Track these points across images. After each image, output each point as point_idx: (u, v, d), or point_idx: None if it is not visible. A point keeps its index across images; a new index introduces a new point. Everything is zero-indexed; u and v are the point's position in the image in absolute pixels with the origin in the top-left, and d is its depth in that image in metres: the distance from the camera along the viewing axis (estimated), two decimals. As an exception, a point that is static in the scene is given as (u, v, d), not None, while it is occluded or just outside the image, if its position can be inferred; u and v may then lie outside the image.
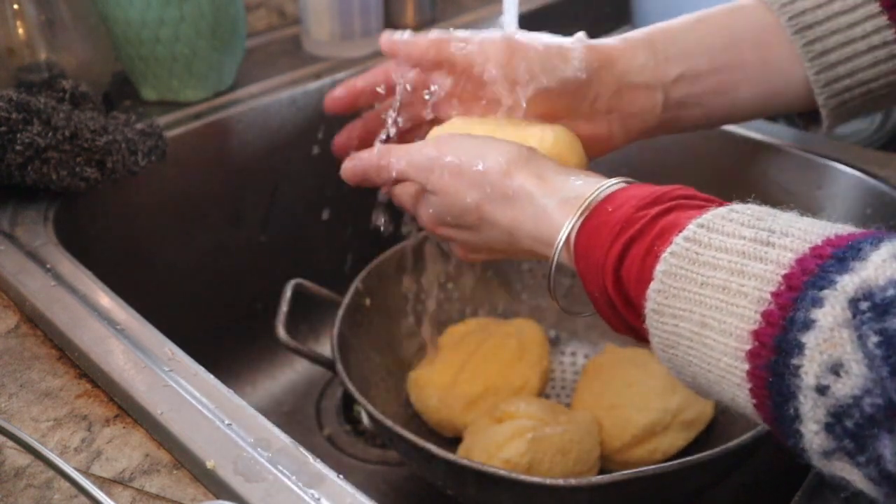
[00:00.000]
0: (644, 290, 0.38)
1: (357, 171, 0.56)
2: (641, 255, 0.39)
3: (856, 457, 0.30)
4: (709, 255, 0.36)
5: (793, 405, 0.32)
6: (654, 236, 0.39)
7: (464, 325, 0.71)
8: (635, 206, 0.41)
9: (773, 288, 0.33)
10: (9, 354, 0.49)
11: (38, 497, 0.40)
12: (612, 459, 0.61)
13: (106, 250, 0.70)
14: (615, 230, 0.41)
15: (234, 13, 0.77)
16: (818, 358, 0.31)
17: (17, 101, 0.60)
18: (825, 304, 0.31)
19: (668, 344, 0.38)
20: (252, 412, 0.44)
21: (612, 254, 0.40)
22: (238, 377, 0.81)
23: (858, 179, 0.66)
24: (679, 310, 0.37)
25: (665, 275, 0.37)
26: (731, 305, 0.34)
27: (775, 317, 0.32)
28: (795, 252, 0.33)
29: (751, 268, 0.34)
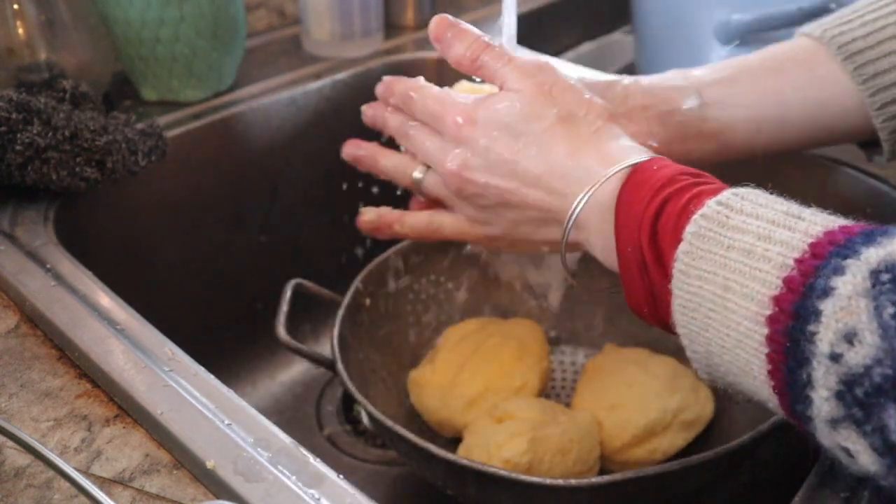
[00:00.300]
0: (675, 250, 0.38)
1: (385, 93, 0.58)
2: (677, 212, 0.40)
3: (862, 425, 0.30)
4: (739, 220, 0.36)
5: (806, 371, 0.32)
6: (692, 196, 0.40)
7: (464, 325, 0.71)
8: (679, 170, 0.42)
9: (798, 255, 0.33)
10: (9, 354, 0.49)
11: (38, 497, 0.40)
12: (612, 459, 0.61)
13: (106, 250, 0.70)
14: (656, 186, 0.42)
15: (234, 13, 0.77)
16: (833, 325, 0.31)
17: (17, 101, 0.60)
18: (846, 273, 0.31)
19: (689, 307, 0.38)
20: (252, 412, 0.44)
21: (651, 208, 0.41)
22: (238, 377, 0.81)
23: (858, 179, 0.66)
24: (704, 271, 0.37)
25: (694, 236, 0.37)
26: (754, 269, 0.35)
27: (796, 283, 0.33)
28: (824, 226, 0.34)
29: (778, 234, 0.35)
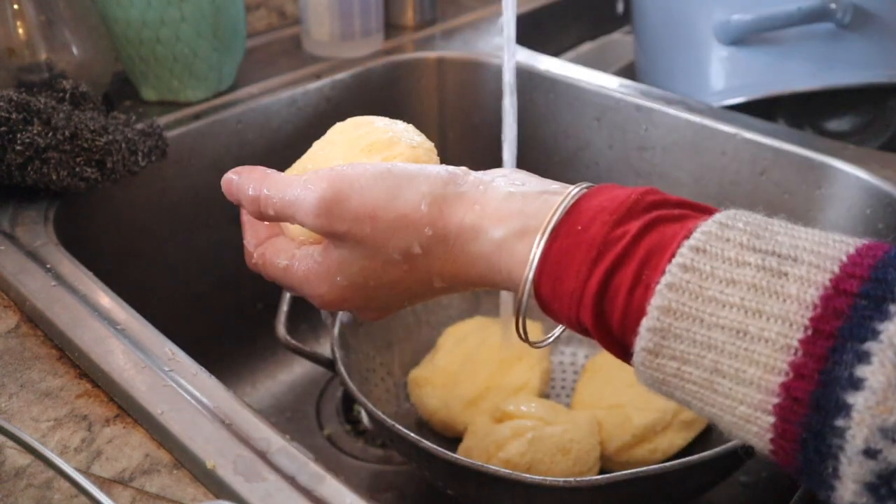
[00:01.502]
0: (631, 325, 0.34)
1: (230, 189, 0.45)
2: (628, 285, 0.34)
3: None
4: (715, 290, 0.32)
5: (832, 464, 0.30)
6: (641, 262, 0.34)
7: (464, 325, 0.71)
8: (608, 221, 0.36)
9: (801, 335, 0.30)
10: (9, 354, 0.49)
11: (38, 497, 0.40)
12: (612, 459, 0.61)
13: (106, 250, 0.70)
14: (591, 254, 0.35)
15: (234, 13, 0.77)
16: (868, 421, 0.28)
17: (17, 101, 0.60)
18: (873, 361, 0.28)
19: (664, 383, 0.34)
20: (252, 412, 0.44)
21: (592, 283, 0.35)
22: (238, 377, 0.81)
23: (858, 179, 0.66)
24: (683, 352, 0.33)
25: (662, 311, 0.33)
26: (750, 352, 0.31)
27: (808, 368, 0.30)
28: (816, 286, 0.31)
29: (769, 307, 0.31)
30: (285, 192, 0.41)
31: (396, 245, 0.40)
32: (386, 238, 0.40)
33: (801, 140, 0.71)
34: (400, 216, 0.40)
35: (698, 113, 0.75)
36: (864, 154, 0.69)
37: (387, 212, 0.40)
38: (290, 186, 0.41)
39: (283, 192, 0.42)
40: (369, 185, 0.40)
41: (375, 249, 0.41)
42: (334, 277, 0.42)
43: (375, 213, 0.40)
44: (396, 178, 0.40)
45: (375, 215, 0.40)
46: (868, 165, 0.67)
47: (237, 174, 0.45)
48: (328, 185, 0.40)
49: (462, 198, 0.40)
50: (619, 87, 0.80)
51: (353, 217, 0.40)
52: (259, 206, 0.43)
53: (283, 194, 0.42)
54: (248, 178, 0.44)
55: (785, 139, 0.71)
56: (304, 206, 0.40)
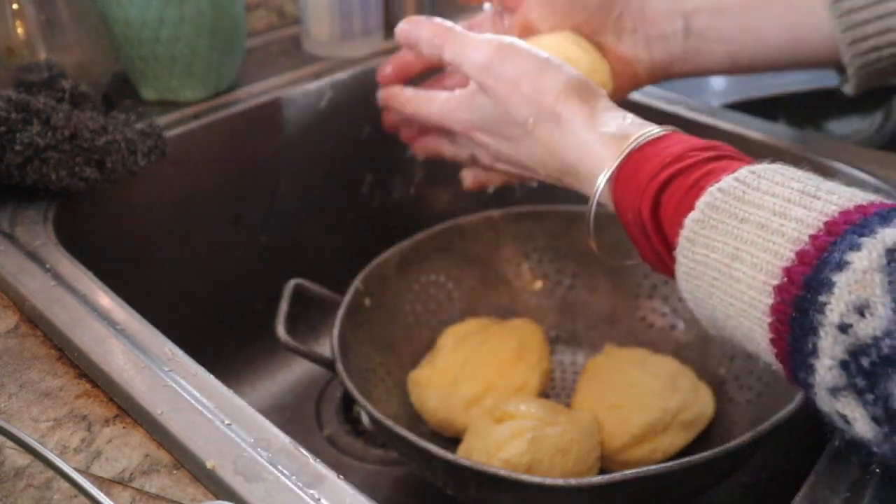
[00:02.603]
0: (679, 221, 0.39)
1: (409, 36, 0.57)
2: (686, 187, 0.40)
3: (864, 394, 0.31)
4: (755, 196, 0.37)
5: (812, 340, 0.33)
6: (703, 174, 0.40)
7: (464, 325, 0.71)
8: (689, 147, 0.43)
9: (813, 231, 0.34)
10: (8, 354, 0.49)
11: (37, 497, 0.40)
12: (612, 459, 0.61)
13: (106, 250, 0.70)
14: (664, 162, 0.42)
15: (234, 13, 0.77)
16: (846, 297, 0.32)
17: (16, 101, 0.59)
18: (862, 249, 0.32)
19: (693, 274, 0.39)
20: (252, 412, 0.44)
21: (657, 180, 0.42)
22: (238, 377, 0.81)
23: (858, 179, 0.66)
24: (714, 240, 0.38)
25: (707, 206, 0.38)
26: (767, 241, 0.36)
27: (809, 256, 0.34)
28: (840, 206, 0.35)
29: (794, 212, 0.35)
30: (463, 45, 0.53)
31: (520, 111, 0.50)
32: (517, 103, 0.50)
33: (801, 140, 0.71)
34: (535, 90, 0.49)
35: (698, 113, 0.75)
36: (864, 154, 0.69)
37: (527, 83, 0.50)
38: (467, 43, 0.53)
39: (462, 45, 0.53)
40: (524, 59, 0.50)
41: (505, 107, 0.51)
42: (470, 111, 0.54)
43: (519, 81, 0.50)
44: (547, 63, 0.50)
45: (518, 82, 0.50)
46: (868, 165, 0.67)
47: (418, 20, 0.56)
48: (496, 49, 0.51)
49: (585, 100, 0.49)
50: (619, 87, 0.80)
51: (503, 78, 0.50)
52: (440, 50, 0.54)
53: (461, 45, 0.53)
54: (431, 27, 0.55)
55: (785, 139, 0.71)
56: (474, 59, 0.52)
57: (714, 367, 0.67)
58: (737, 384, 0.64)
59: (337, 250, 0.87)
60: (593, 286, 0.74)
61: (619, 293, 0.73)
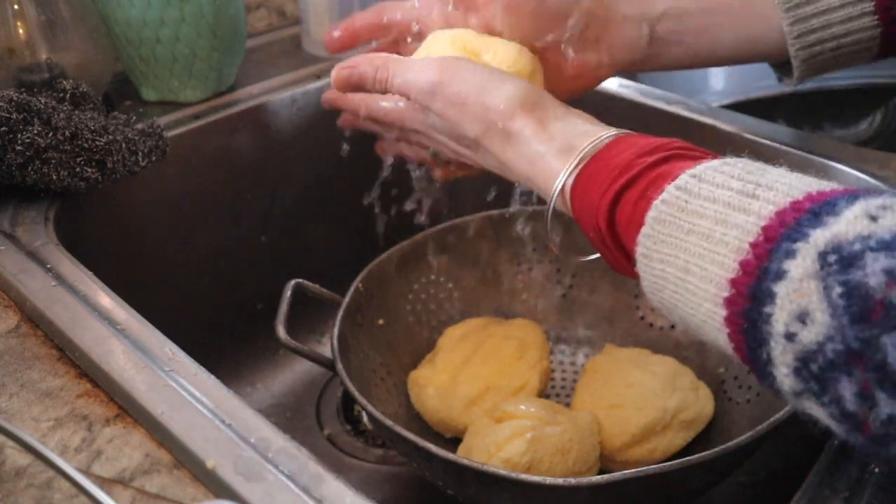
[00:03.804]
0: (635, 235, 0.40)
1: (351, 79, 0.56)
2: (634, 199, 0.41)
3: (820, 397, 0.32)
4: (696, 204, 0.37)
5: (765, 350, 0.34)
6: (648, 183, 0.41)
7: (464, 325, 0.71)
8: (634, 153, 0.43)
9: (752, 238, 0.35)
10: (9, 354, 0.49)
11: (38, 497, 0.40)
12: (612, 459, 0.61)
13: (106, 250, 0.70)
14: (612, 174, 0.43)
15: (234, 13, 0.77)
16: (788, 307, 0.32)
17: (17, 102, 0.60)
18: (797, 256, 0.32)
19: (656, 287, 0.40)
20: (252, 412, 0.44)
21: (607, 196, 0.42)
22: (238, 377, 0.81)
23: (858, 179, 0.66)
24: (666, 255, 0.38)
25: (655, 221, 0.39)
26: (712, 253, 0.36)
27: (751, 266, 0.34)
28: (776, 205, 0.35)
29: (734, 218, 0.36)
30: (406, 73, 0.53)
31: (472, 128, 0.50)
32: (466, 122, 0.51)
33: (801, 140, 0.71)
34: (482, 108, 0.50)
35: (698, 113, 0.75)
36: (864, 154, 0.69)
37: (473, 102, 0.50)
38: (410, 68, 0.53)
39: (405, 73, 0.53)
40: (469, 77, 0.51)
41: (455, 126, 0.51)
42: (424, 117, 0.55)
43: (465, 101, 0.50)
44: (492, 79, 0.51)
45: (465, 103, 0.50)
46: (868, 165, 0.67)
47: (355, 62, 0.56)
48: (440, 71, 0.51)
49: (532, 112, 0.49)
50: (618, 87, 0.80)
51: (449, 100, 0.51)
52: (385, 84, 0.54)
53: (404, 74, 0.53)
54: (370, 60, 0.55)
55: (785, 139, 0.71)
56: (419, 85, 0.52)
57: (713, 366, 0.67)
58: (736, 384, 0.64)
59: (337, 250, 0.87)
60: (593, 286, 0.74)
61: (619, 293, 0.73)
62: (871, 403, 0.30)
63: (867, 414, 0.31)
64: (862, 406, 0.31)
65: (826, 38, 0.56)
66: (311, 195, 0.85)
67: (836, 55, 0.57)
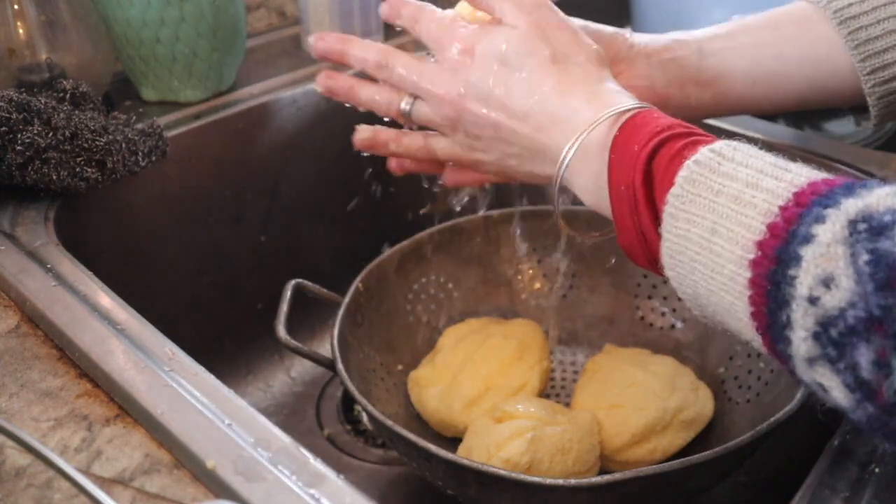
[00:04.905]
0: (664, 194, 0.40)
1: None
2: (670, 156, 0.41)
3: (836, 363, 0.33)
4: (729, 167, 0.38)
5: (786, 312, 0.34)
6: (687, 143, 0.41)
7: (464, 325, 0.71)
8: (677, 121, 0.44)
9: (782, 202, 0.35)
10: (9, 354, 0.49)
11: (38, 497, 0.40)
12: (612, 459, 0.61)
13: (106, 250, 0.70)
14: (654, 131, 0.43)
15: (234, 13, 0.77)
16: (813, 270, 0.33)
17: (17, 102, 0.60)
18: (826, 221, 0.33)
19: (676, 249, 0.40)
20: (252, 412, 0.44)
21: (647, 150, 0.43)
22: (238, 377, 0.81)
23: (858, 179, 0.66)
24: (693, 215, 0.38)
25: (685, 180, 0.39)
26: (740, 215, 0.36)
27: (779, 229, 0.35)
28: (808, 178, 0.36)
29: (765, 183, 0.36)
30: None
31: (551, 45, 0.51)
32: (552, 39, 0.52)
33: (801, 140, 0.71)
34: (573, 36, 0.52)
35: (698, 113, 0.75)
36: (864, 154, 0.69)
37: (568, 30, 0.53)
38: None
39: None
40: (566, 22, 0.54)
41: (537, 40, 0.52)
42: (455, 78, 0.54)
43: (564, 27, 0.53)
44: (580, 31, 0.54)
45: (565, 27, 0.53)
46: (868, 165, 0.67)
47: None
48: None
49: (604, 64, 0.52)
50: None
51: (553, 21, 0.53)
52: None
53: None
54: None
55: (785, 139, 0.71)
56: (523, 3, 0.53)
57: (714, 367, 0.67)
58: (736, 384, 0.64)
59: (337, 250, 0.87)
60: (593, 286, 0.74)
61: (619, 293, 0.73)
62: (888, 371, 0.31)
63: (881, 382, 0.31)
64: (877, 374, 0.31)
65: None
66: (311, 195, 0.85)
67: None
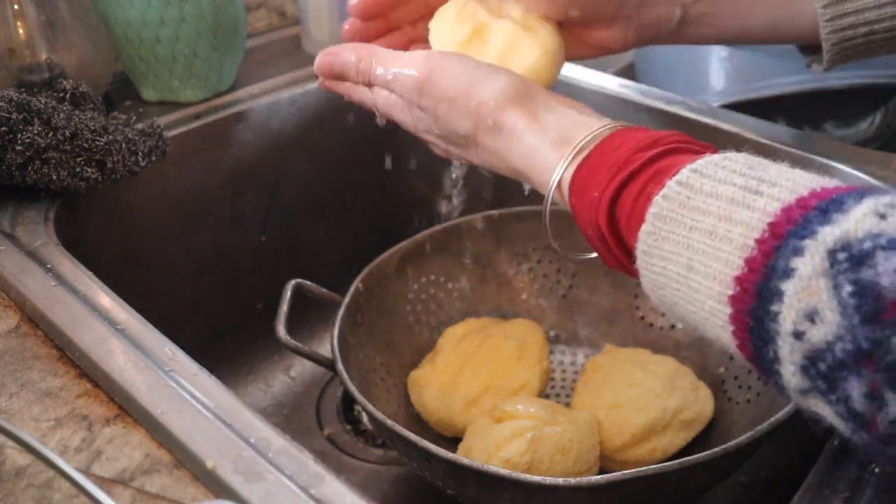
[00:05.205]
0: (636, 231, 0.39)
1: (333, 68, 0.54)
2: (634, 195, 0.40)
3: (828, 395, 0.32)
4: (699, 200, 0.37)
5: (772, 348, 0.33)
6: (649, 178, 0.40)
7: (464, 325, 0.71)
8: (633, 147, 0.42)
9: (758, 235, 0.34)
10: (9, 354, 0.49)
11: (38, 497, 0.40)
12: (612, 459, 0.61)
13: (106, 250, 0.70)
14: (612, 170, 0.42)
15: (234, 13, 0.77)
16: (796, 305, 0.32)
17: (17, 102, 0.60)
18: (805, 254, 0.32)
19: (656, 285, 0.39)
20: (252, 412, 0.44)
21: (608, 192, 0.41)
22: (238, 377, 0.81)
23: (858, 180, 0.66)
24: (668, 252, 0.38)
25: (656, 217, 0.38)
26: (716, 250, 0.36)
27: (757, 263, 0.34)
28: (781, 202, 0.35)
29: (738, 214, 0.35)
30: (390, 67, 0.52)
31: (462, 125, 0.49)
32: (456, 118, 0.49)
33: (801, 140, 0.71)
34: (471, 104, 0.48)
35: (698, 113, 0.75)
36: (864, 154, 0.69)
37: (462, 98, 0.49)
38: (395, 62, 0.52)
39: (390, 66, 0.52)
40: (457, 73, 0.49)
41: (446, 123, 0.50)
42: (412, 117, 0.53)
43: (454, 98, 0.49)
44: (481, 72, 0.49)
45: (454, 99, 0.49)
46: (868, 165, 0.67)
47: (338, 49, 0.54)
48: (426, 67, 0.50)
49: (524, 105, 0.48)
50: (618, 87, 0.80)
51: (437, 97, 0.49)
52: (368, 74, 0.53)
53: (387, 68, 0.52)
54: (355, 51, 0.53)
55: (785, 139, 0.71)
56: (403, 80, 0.51)
57: (714, 366, 0.67)
58: (736, 384, 0.64)
59: (337, 250, 0.87)
60: (593, 286, 0.74)
61: (619, 293, 0.73)
62: (880, 403, 0.30)
63: (875, 414, 0.31)
64: (870, 406, 0.31)
65: (859, 24, 0.55)
66: (311, 195, 0.85)
67: (868, 41, 0.56)
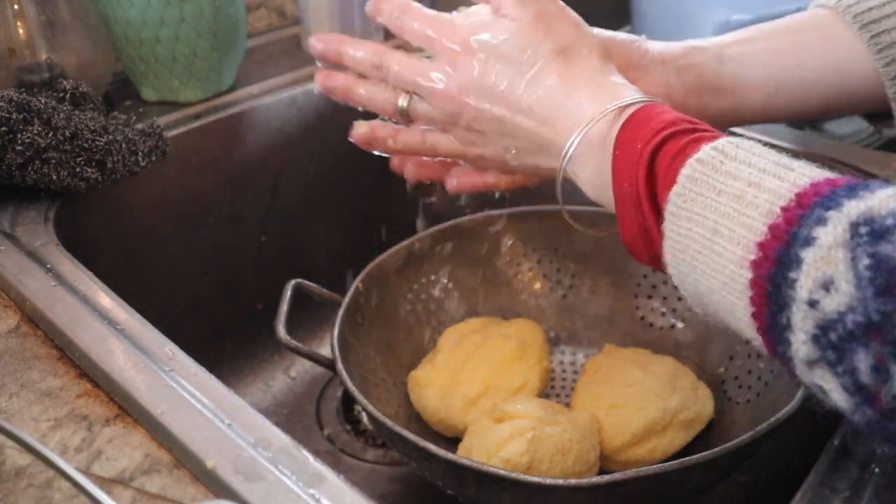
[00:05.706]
0: (667, 191, 0.40)
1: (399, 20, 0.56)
2: (673, 154, 0.41)
3: (835, 367, 0.32)
4: (731, 166, 0.38)
5: (786, 315, 0.34)
6: (690, 140, 0.41)
7: (464, 325, 0.71)
8: (681, 116, 0.44)
9: (784, 203, 0.35)
10: (9, 354, 0.49)
11: (38, 497, 0.40)
12: (612, 459, 0.61)
13: (106, 250, 0.70)
14: (657, 127, 0.43)
15: (234, 13, 0.77)
16: (813, 273, 0.32)
17: (17, 102, 0.60)
18: (828, 224, 0.33)
19: (678, 248, 0.40)
20: (252, 412, 0.44)
21: (650, 146, 0.42)
22: (238, 377, 0.81)
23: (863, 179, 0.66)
24: (695, 214, 0.38)
25: (687, 178, 0.39)
26: (742, 215, 0.36)
27: (780, 230, 0.34)
28: (811, 178, 0.36)
29: (767, 182, 0.36)
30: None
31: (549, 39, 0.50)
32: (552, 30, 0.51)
33: (802, 140, 0.71)
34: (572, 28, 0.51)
35: (698, 113, 0.75)
36: (864, 154, 0.69)
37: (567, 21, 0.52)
38: None
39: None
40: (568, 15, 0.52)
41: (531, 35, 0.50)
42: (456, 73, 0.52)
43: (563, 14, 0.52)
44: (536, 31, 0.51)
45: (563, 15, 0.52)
46: (868, 165, 0.67)
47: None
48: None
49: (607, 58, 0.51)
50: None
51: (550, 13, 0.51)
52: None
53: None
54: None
55: (785, 139, 0.71)
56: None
57: (714, 367, 0.67)
58: (736, 384, 0.64)
59: (337, 250, 0.87)
60: (593, 286, 0.74)
61: (619, 293, 0.73)
62: (886, 377, 0.31)
63: (880, 387, 0.31)
64: (876, 379, 0.31)
65: None
66: (311, 195, 0.85)
67: None
